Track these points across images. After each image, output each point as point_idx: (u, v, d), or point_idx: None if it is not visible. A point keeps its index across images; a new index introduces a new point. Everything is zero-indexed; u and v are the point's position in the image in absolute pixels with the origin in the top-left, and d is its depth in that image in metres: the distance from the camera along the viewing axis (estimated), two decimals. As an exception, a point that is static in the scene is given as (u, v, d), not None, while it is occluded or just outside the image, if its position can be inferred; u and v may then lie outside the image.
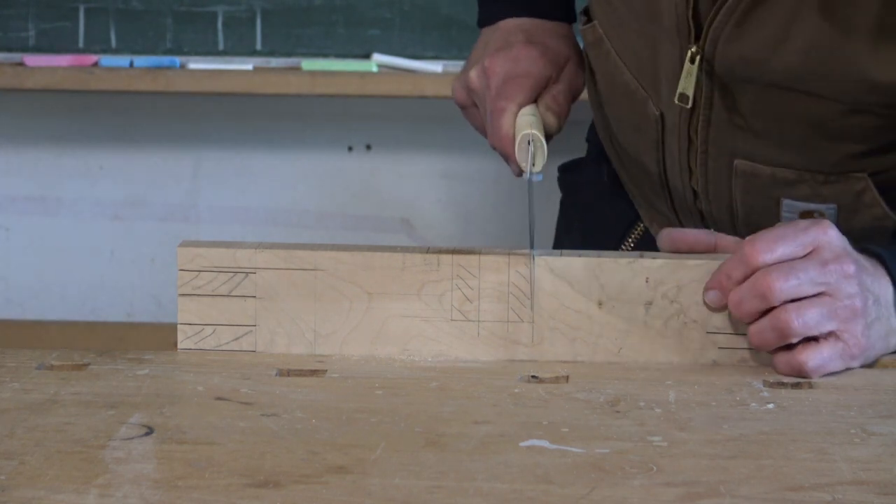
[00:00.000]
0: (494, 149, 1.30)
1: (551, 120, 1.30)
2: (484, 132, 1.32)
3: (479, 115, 1.34)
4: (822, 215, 1.26)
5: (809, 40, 1.17)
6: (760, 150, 1.26)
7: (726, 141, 1.27)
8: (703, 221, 1.36)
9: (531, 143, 1.22)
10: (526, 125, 1.25)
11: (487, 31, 1.39)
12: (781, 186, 1.27)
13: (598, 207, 1.51)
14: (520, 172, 1.24)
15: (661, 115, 1.30)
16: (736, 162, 1.27)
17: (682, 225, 1.41)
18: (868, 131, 1.22)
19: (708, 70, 1.23)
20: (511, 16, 1.38)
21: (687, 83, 1.23)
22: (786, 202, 1.28)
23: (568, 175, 1.57)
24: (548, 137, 1.27)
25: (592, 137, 1.53)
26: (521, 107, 1.28)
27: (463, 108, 1.37)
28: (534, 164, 1.22)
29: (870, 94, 1.18)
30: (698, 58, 1.22)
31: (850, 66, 1.17)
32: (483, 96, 1.31)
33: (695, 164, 1.30)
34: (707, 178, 1.30)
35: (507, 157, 1.28)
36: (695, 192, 1.33)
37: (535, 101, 1.30)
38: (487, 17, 1.41)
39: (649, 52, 1.28)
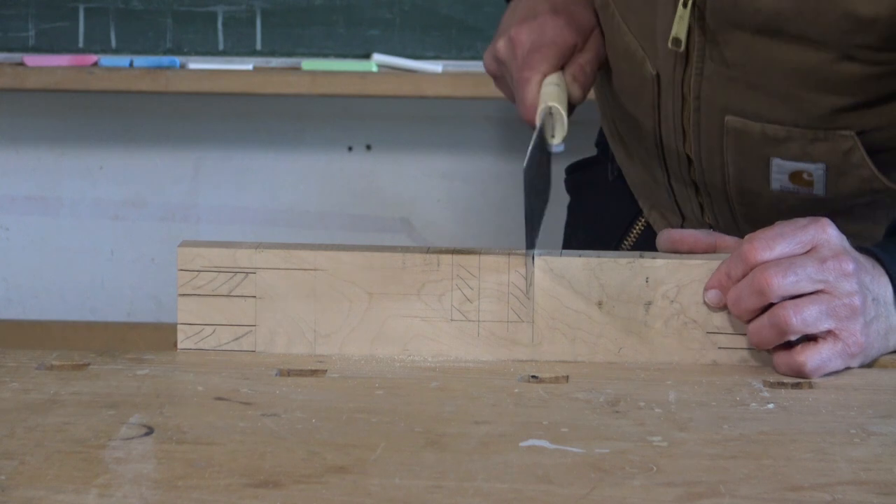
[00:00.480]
0: (522, 118, 1.30)
1: (576, 90, 1.30)
2: (514, 100, 1.33)
3: (509, 85, 1.35)
4: (810, 175, 1.28)
5: None
6: (750, 104, 1.28)
7: (718, 96, 1.29)
8: (698, 195, 1.38)
9: (552, 114, 1.23)
10: (548, 96, 1.26)
11: (514, 1, 1.39)
12: (772, 144, 1.28)
13: (603, 204, 1.54)
14: (542, 144, 1.24)
15: (657, 75, 1.33)
16: (727, 118, 1.29)
17: (679, 211, 1.43)
18: (853, 82, 1.23)
19: (700, 18, 1.26)
20: None
21: (679, 27, 1.27)
22: (775, 162, 1.29)
23: (575, 175, 1.60)
24: (572, 108, 1.30)
25: (600, 140, 1.56)
26: (545, 76, 1.29)
27: (494, 77, 1.38)
28: (553, 136, 1.23)
29: (855, 34, 1.20)
30: (691, 1, 1.26)
31: (835, 2, 1.19)
32: (510, 66, 1.32)
33: (688, 124, 1.33)
34: (700, 139, 1.33)
35: (532, 125, 1.27)
36: (689, 160, 1.36)
37: (560, 69, 1.31)
38: None
39: (648, 7, 1.31)
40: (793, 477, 0.89)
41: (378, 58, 2.76)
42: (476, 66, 2.66)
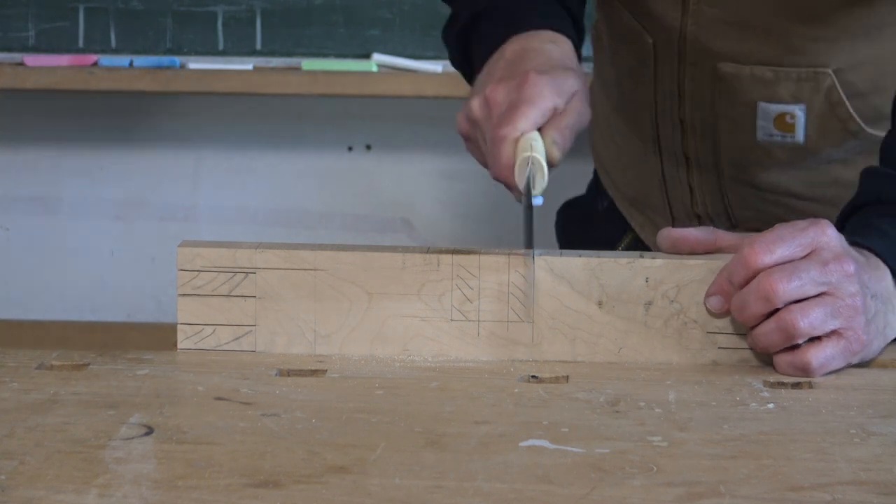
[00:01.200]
0: (496, 180, 1.24)
1: (555, 153, 1.22)
2: (486, 165, 1.26)
3: (481, 148, 1.28)
4: (793, 118, 1.36)
5: None
6: (741, 46, 1.35)
7: (712, 42, 1.36)
8: (689, 174, 1.45)
9: (531, 165, 1.16)
10: (527, 147, 1.19)
11: (491, 60, 1.31)
12: (759, 87, 1.36)
13: (592, 230, 1.60)
14: (521, 200, 1.20)
15: (654, 43, 1.39)
16: (719, 65, 1.36)
17: (671, 213, 1.49)
18: (832, 11, 1.31)
19: None
20: (516, 32, 1.32)
21: None
22: (761, 107, 1.37)
23: (565, 211, 1.67)
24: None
25: (593, 185, 1.64)
26: (522, 134, 1.22)
27: (466, 139, 1.31)
28: (534, 187, 1.16)
29: None
30: None
31: None
32: (484, 126, 1.25)
33: (683, 80, 1.39)
34: (693, 96, 1.40)
35: (509, 186, 1.23)
36: (682, 126, 1.42)
37: (538, 130, 1.24)
38: (489, 46, 1.34)
39: None
40: (793, 477, 0.89)
41: (378, 58, 2.76)
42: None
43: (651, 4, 1.39)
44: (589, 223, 1.62)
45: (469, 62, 1.39)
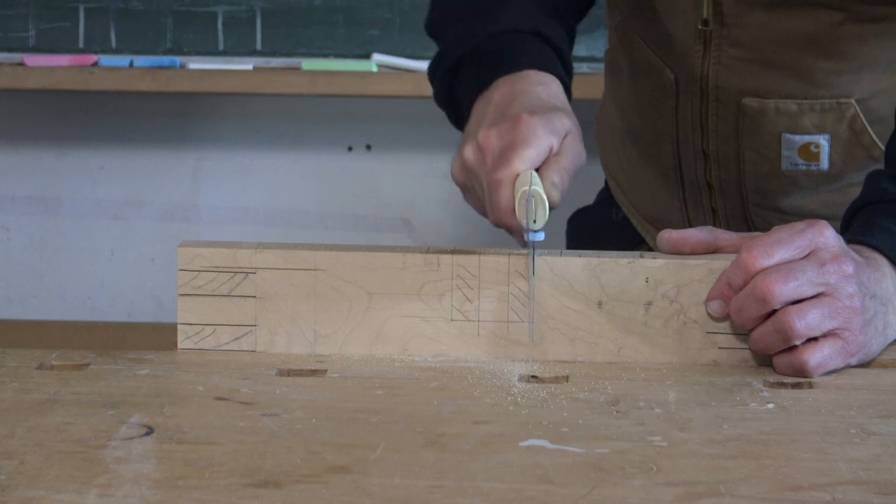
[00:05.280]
0: (497, 226, 1.17)
1: (555, 196, 1.15)
2: (484, 213, 1.20)
3: (478, 194, 1.22)
4: (818, 147, 1.38)
5: None
6: (764, 82, 1.37)
7: (734, 80, 1.38)
8: (711, 198, 1.46)
9: (531, 198, 1.11)
10: (526, 182, 1.13)
11: (480, 105, 1.27)
12: (784, 120, 1.38)
13: (605, 241, 1.59)
14: (523, 243, 1.14)
15: (676, 78, 1.41)
16: (744, 101, 1.38)
17: (689, 222, 1.50)
18: (853, 43, 1.34)
19: (716, 4, 1.35)
20: (500, 75, 1.27)
21: (706, 9, 1.35)
22: (786, 138, 1.39)
23: (576, 221, 1.66)
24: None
25: (604, 195, 1.64)
26: (518, 176, 1.16)
27: (463, 188, 1.25)
28: (535, 221, 1.11)
29: None
30: None
31: None
32: (480, 172, 1.19)
33: (706, 117, 1.41)
34: (718, 130, 1.41)
35: (510, 230, 1.16)
36: (705, 157, 1.43)
37: (536, 170, 1.17)
38: (476, 87, 1.29)
39: (667, 19, 1.38)
40: (793, 477, 0.89)
41: (378, 58, 2.76)
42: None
43: (673, 43, 1.40)
44: (601, 234, 1.63)
45: (455, 102, 1.36)
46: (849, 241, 1.14)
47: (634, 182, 1.57)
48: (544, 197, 1.11)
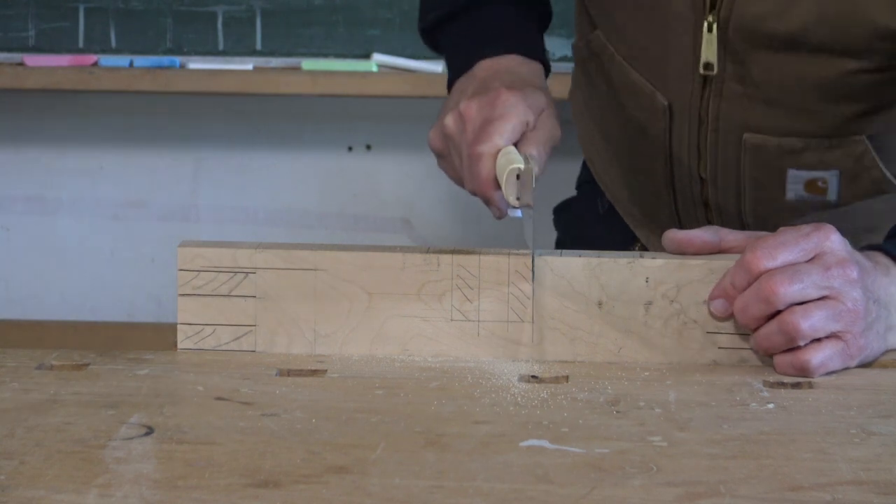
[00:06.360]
0: (473, 194, 1.24)
1: (533, 168, 1.18)
2: (460, 181, 1.27)
3: (454, 164, 1.28)
4: (825, 182, 1.33)
5: None
6: (769, 120, 1.32)
7: (736, 115, 1.32)
8: (707, 214, 1.41)
9: (524, 176, 1.15)
10: (511, 161, 1.17)
11: (462, 80, 1.33)
12: (789, 156, 1.33)
13: (596, 234, 1.57)
14: (501, 215, 1.20)
15: (669, 105, 1.35)
16: (745, 136, 1.33)
17: (680, 222, 1.45)
18: (869, 89, 1.28)
19: (722, 38, 1.28)
20: (486, 56, 1.33)
21: (709, 52, 1.29)
22: (791, 173, 1.34)
23: (562, 214, 1.64)
24: None
25: (584, 181, 1.61)
26: (500, 150, 1.21)
27: (438, 156, 1.31)
28: (519, 198, 1.15)
29: (881, 41, 1.23)
30: (715, 25, 1.28)
31: (861, 13, 1.22)
32: (459, 142, 1.25)
33: (704, 145, 1.36)
34: (717, 158, 1.36)
35: (488, 201, 1.22)
36: (702, 180, 1.38)
37: (514, 145, 1.23)
38: (460, 66, 1.35)
39: (658, 44, 1.33)
40: (793, 477, 0.89)
41: (378, 58, 2.76)
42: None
43: (668, 72, 1.35)
44: (589, 226, 1.60)
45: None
46: (871, 247, 1.14)
47: (621, 187, 1.52)
48: (534, 173, 1.15)
